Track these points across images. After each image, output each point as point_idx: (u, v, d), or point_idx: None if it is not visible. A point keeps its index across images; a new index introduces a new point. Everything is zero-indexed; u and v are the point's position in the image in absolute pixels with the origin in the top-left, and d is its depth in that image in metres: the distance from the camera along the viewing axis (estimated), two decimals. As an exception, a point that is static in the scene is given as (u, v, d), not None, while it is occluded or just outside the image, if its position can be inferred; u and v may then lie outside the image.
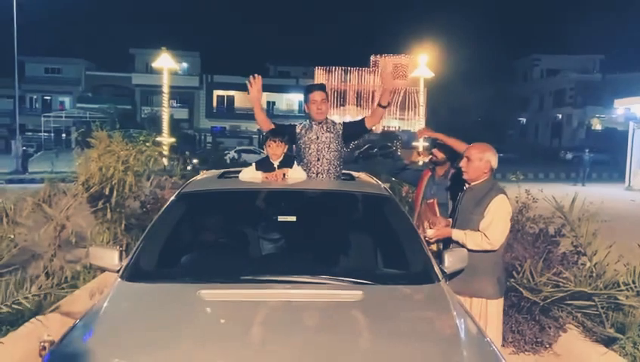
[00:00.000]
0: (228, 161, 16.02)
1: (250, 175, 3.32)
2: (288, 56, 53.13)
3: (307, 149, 3.65)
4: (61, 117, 42.56)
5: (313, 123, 3.70)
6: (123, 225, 6.19)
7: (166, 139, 16.30)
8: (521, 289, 3.87)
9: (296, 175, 3.33)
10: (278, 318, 2.14)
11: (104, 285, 5.11)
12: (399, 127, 43.80)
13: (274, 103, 50.32)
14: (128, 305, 2.30)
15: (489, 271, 3.12)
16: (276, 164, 3.32)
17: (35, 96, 47.72)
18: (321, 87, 3.81)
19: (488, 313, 3.11)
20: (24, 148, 27.76)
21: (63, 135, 42.36)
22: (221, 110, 50.09)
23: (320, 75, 45.11)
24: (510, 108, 49.73)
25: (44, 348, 4.01)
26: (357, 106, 45.50)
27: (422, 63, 21.69)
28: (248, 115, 48.55)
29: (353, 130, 3.80)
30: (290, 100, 50.51)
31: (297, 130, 3.75)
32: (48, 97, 48.12)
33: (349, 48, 52.28)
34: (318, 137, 3.65)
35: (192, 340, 1.93)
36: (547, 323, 3.94)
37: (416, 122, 33.11)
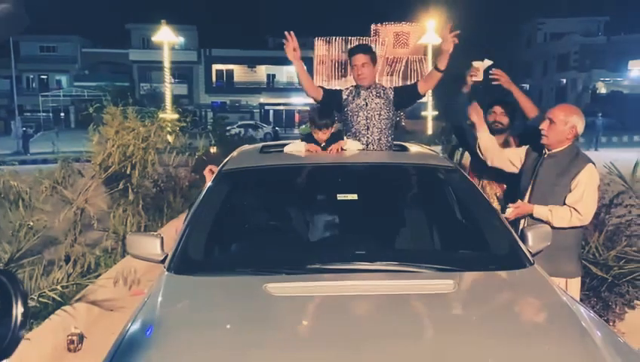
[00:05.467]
0: (235, 138, 15.58)
1: (299, 148, 2.98)
2: (287, 28, 51.88)
3: (355, 117, 3.28)
4: (59, 96, 41.96)
5: (361, 88, 3.33)
6: (140, 206, 5.90)
7: (169, 115, 15.88)
8: (587, 264, 3.56)
9: (353, 146, 3.03)
10: (364, 317, 1.83)
11: (128, 271, 4.84)
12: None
13: (274, 76, 49.51)
14: (186, 305, 1.98)
15: (571, 248, 2.81)
16: (323, 144, 3.01)
17: (31, 76, 46.93)
18: (363, 49, 3.37)
19: (568, 292, 2.80)
20: (24, 128, 27.38)
21: (62, 114, 41.92)
22: (220, 85, 49.30)
23: (320, 46, 44.15)
24: (514, 74, 48.80)
25: (72, 341, 3.78)
26: (358, 77, 44.66)
27: (429, 30, 21.15)
28: (248, 90, 47.93)
29: (405, 96, 3.41)
30: (291, 72, 49.55)
31: (343, 96, 3.36)
32: (45, 76, 47.33)
33: (349, 18, 51.11)
34: (367, 104, 3.28)
35: (272, 347, 1.62)
36: (612, 299, 3.66)
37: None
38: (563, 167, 2.78)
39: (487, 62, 3.31)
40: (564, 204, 2.76)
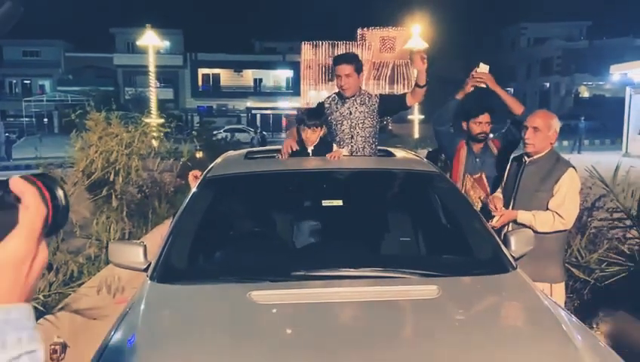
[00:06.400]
0: (222, 143, 15.52)
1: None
2: (274, 32, 52.03)
3: (339, 126, 3.29)
4: (42, 101, 41.44)
5: (345, 97, 3.33)
6: (125, 212, 5.84)
7: (154, 120, 15.77)
8: (570, 267, 3.60)
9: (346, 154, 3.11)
10: (349, 324, 1.83)
11: (112, 279, 4.78)
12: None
13: (261, 80, 49.45)
14: (169, 314, 1.96)
15: (555, 253, 2.84)
16: (310, 149, 3.01)
17: (14, 81, 46.33)
18: (347, 59, 3.34)
19: (553, 298, 2.83)
20: (7, 134, 26.95)
21: (45, 119, 41.39)
22: (207, 89, 49.09)
23: (307, 50, 44.20)
24: (498, 78, 49.30)
25: (54, 351, 3.71)
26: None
27: (415, 34, 21.30)
28: (235, 93, 47.77)
29: (391, 106, 3.43)
30: (278, 77, 49.62)
31: (325, 105, 3.37)
32: (28, 81, 46.75)
33: (336, 22, 51.31)
34: (351, 112, 3.28)
35: (257, 355, 1.61)
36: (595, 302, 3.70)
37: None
38: (545, 173, 2.82)
39: (486, 67, 3.37)
40: (547, 208, 2.79)
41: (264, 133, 37.95)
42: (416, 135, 23.12)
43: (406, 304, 1.91)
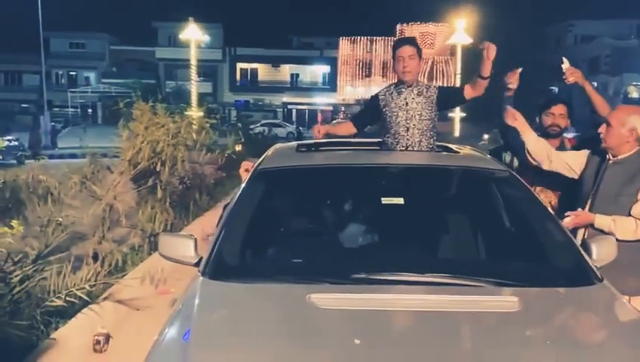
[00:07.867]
0: (260, 137, 15.54)
1: None
2: (312, 27, 51.81)
3: (394, 118, 3.07)
4: (87, 92, 42.64)
5: (402, 86, 3.13)
6: (168, 203, 5.83)
7: (195, 112, 15.88)
8: None
9: None
10: (421, 337, 1.65)
11: (155, 269, 4.75)
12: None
13: (297, 75, 49.46)
14: (226, 312, 1.84)
15: (637, 262, 2.58)
16: None
17: (60, 72, 47.75)
18: (410, 42, 3.16)
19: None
20: (52, 123, 27.90)
21: (90, 110, 42.65)
22: (244, 83, 49.45)
23: (345, 46, 43.92)
24: (542, 77, 47.95)
25: (98, 342, 3.68)
26: (383, 77, 44.15)
27: (459, 29, 20.75)
28: (272, 88, 47.99)
29: (449, 99, 3.21)
30: (314, 72, 49.50)
31: (380, 97, 3.18)
32: (74, 73, 48.11)
33: (374, 17, 50.68)
34: (407, 103, 3.07)
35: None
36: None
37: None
38: (629, 176, 2.55)
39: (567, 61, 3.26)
40: (630, 214, 2.53)
41: (300, 128, 37.98)
42: (457, 133, 22.54)
43: (483, 317, 1.71)
